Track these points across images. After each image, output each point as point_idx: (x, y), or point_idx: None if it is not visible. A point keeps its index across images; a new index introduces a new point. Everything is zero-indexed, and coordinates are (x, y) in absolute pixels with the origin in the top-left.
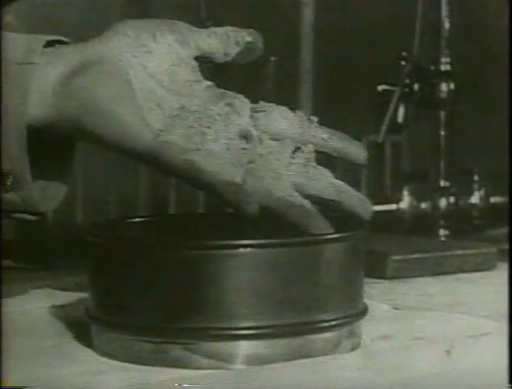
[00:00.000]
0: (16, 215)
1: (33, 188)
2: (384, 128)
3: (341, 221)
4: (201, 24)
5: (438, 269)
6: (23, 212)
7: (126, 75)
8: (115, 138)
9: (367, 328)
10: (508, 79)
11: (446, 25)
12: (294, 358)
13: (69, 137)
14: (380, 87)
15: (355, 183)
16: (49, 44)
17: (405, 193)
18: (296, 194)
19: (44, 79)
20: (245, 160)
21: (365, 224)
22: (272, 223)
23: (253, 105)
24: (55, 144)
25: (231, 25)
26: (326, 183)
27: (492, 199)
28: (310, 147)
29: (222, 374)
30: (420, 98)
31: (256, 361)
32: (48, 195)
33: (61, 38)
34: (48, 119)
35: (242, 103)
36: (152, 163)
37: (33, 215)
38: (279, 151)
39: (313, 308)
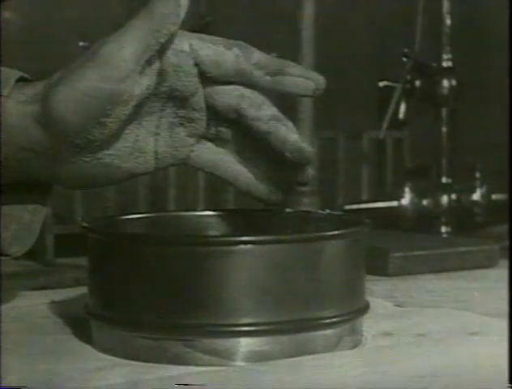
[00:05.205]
0: None
1: (2, 230)
2: (385, 124)
3: (342, 218)
4: (201, 19)
5: (440, 266)
6: None
7: None
8: None
9: (368, 325)
10: (508, 75)
11: (448, 21)
12: (295, 355)
13: (41, 182)
14: (381, 84)
15: (356, 180)
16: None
17: (406, 189)
18: None
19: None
20: None
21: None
22: (273, 219)
23: None
24: (29, 188)
25: (231, 21)
26: None
27: (494, 196)
28: None
29: (222, 370)
30: (422, 94)
31: (256, 357)
32: (18, 240)
33: (27, 76)
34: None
35: None
36: None
37: (2, 256)
38: None
39: (314, 305)
